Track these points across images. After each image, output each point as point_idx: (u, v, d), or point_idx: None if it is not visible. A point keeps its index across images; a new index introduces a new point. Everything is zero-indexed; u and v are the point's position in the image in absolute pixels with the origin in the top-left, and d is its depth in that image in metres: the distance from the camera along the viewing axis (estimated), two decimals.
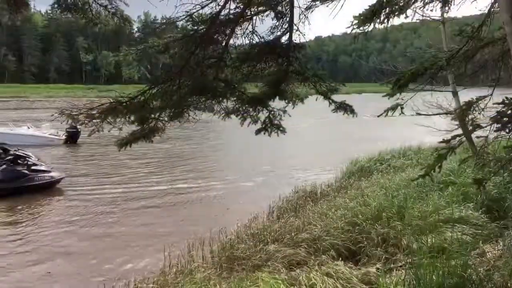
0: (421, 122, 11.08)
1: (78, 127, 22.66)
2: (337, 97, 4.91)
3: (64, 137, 22.01)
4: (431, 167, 4.33)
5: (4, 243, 8.51)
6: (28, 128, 22.31)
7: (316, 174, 14.55)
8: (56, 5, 4.25)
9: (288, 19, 4.04)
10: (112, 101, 3.85)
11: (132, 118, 3.92)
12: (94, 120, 3.83)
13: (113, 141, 4.36)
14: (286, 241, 6.96)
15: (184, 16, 3.76)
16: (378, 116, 4.90)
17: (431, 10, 4.97)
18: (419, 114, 9.76)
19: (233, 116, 4.58)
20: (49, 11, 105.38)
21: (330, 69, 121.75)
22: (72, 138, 22.35)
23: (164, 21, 4.43)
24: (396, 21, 4.25)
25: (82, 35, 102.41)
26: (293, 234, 7.17)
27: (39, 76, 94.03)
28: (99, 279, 6.73)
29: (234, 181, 13.92)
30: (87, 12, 4.06)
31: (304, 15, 4.03)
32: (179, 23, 3.87)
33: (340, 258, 5.91)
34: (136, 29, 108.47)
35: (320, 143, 23.10)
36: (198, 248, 7.40)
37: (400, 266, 5.34)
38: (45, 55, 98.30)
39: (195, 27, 3.87)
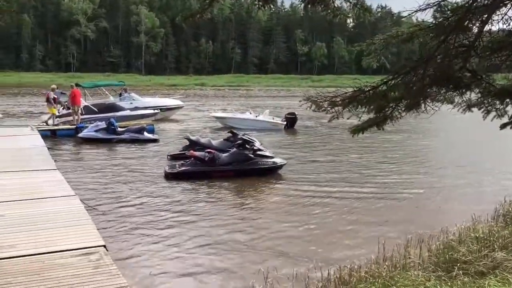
0: None
1: (296, 113, 24.06)
2: None
3: (284, 122, 23.14)
4: None
5: (228, 216, 9.49)
6: (250, 113, 23.90)
7: None
8: None
9: None
10: (355, 89, 3.96)
11: (371, 107, 3.96)
12: (335, 108, 3.99)
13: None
14: None
15: (435, 3, 3.62)
16: None
17: None
18: None
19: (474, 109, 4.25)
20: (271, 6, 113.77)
21: None
22: (290, 123, 23.35)
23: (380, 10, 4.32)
24: None
25: (300, 28, 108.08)
26: None
27: (260, 66, 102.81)
28: (314, 260, 7.02)
29: (452, 178, 12.98)
30: (330, 4, 4.23)
31: None
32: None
33: None
34: (349, 20, 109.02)
35: None
36: (415, 245, 7.13)
37: None
38: (265, 47, 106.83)
39: (445, 15, 3.68)
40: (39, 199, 7.99)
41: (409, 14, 3.71)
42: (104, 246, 5.95)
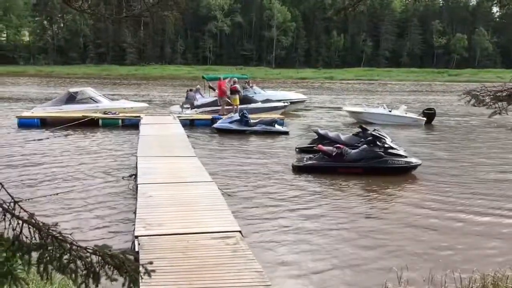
0: None
1: (435, 108, 22.65)
2: None
3: (424, 118, 21.94)
4: None
5: (356, 213, 9.30)
6: (384, 108, 22.80)
7: None
8: None
9: None
10: None
11: None
12: (499, 103, 3.71)
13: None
14: None
15: None
16: None
17: None
18: None
19: None
20: None
21: None
22: (428, 119, 22.08)
23: None
24: None
25: (438, 19, 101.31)
26: None
27: (391, 59, 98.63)
28: (451, 264, 6.62)
29: None
30: None
31: None
32: None
33: None
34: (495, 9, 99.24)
35: None
36: None
37: None
38: (399, 40, 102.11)
39: None
40: (182, 183, 8.71)
41: None
42: (240, 231, 6.28)
